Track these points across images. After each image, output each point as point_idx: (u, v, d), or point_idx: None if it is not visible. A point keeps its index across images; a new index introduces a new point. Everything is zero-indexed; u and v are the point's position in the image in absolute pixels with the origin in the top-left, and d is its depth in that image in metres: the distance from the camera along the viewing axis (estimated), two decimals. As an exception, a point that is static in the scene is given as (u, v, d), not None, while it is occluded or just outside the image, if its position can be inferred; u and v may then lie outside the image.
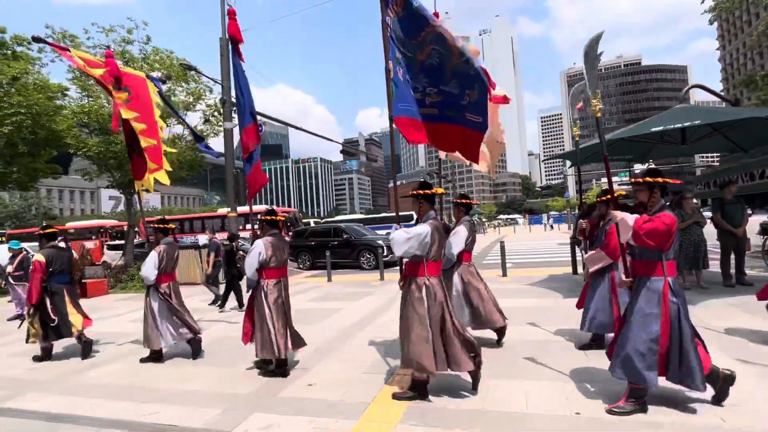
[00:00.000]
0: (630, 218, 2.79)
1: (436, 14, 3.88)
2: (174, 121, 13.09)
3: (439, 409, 3.11)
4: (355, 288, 9.64)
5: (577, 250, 9.10)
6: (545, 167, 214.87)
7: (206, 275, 8.46)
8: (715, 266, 7.30)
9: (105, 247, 21.78)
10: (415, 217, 3.52)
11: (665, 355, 2.78)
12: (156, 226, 4.91)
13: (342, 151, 20.86)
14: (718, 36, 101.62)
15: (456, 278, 4.43)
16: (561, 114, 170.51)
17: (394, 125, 3.62)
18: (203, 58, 14.61)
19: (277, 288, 4.10)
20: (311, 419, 3.10)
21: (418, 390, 3.27)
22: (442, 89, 3.47)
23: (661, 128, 5.56)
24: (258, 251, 4.01)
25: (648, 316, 2.79)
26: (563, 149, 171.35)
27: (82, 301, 5.74)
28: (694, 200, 7.85)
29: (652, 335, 2.76)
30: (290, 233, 23.68)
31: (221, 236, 10.70)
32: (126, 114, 5.06)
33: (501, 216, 73.18)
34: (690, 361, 2.70)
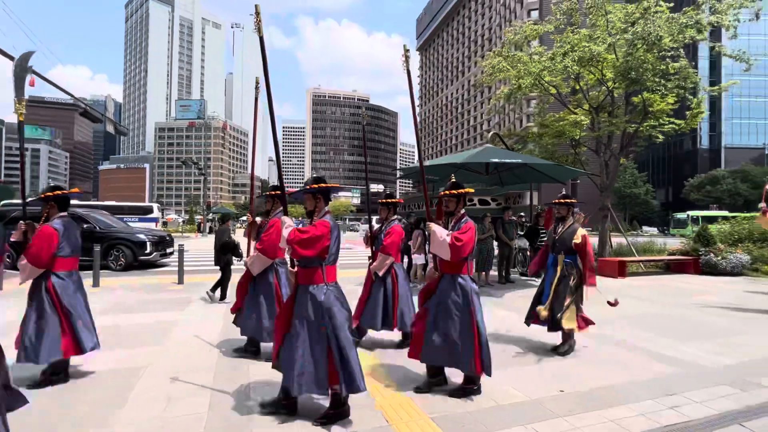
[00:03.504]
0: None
1: None
2: None
3: (463, 414, 2.99)
4: (152, 294, 7.46)
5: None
6: (285, 176, 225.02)
7: None
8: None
9: None
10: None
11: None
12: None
13: (83, 113, 15.69)
14: (420, 97, 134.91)
15: None
16: (304, 127, 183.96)
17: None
18: None
19: None
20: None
21: None
22: None
23: (497, 160, 7.22)
24: None
25: None
26: (303, 159, 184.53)
27: None
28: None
29: None
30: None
31: None
32: None
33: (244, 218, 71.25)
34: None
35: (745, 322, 5.86)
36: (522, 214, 11.31)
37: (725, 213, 37.31)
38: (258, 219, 4.43)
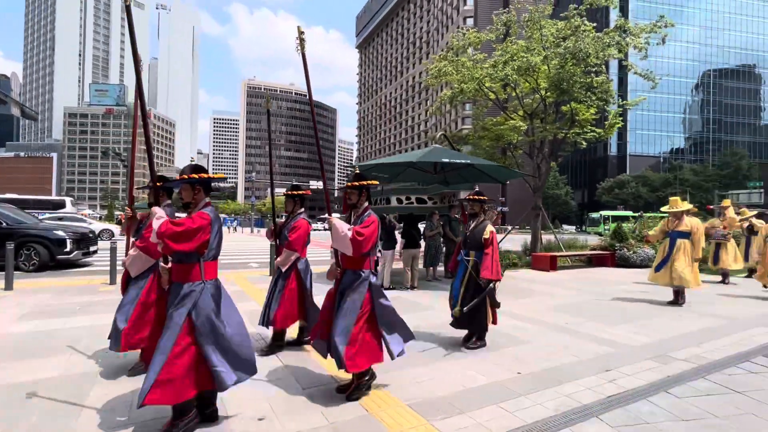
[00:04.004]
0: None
1: None
2: None
3: (437, 399, 3.17)
4: (83, 296, 6.80)
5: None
6: (213, 169, 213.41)
7: None
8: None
9: None
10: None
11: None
12: None
13: (-18, 94, 13.72)
14: (358, 95, 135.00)
15: None
16: (238, 120, 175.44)
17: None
18: None
19: None
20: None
21: None
22: None
23: (447, 160, 7.57)
24: None
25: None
26: (236, 154, 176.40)
27: None
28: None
29: None
30: None
31: None
32: None
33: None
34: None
35: (653, 307, 6.75)
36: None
37: (630, 213, 42.05)
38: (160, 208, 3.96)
